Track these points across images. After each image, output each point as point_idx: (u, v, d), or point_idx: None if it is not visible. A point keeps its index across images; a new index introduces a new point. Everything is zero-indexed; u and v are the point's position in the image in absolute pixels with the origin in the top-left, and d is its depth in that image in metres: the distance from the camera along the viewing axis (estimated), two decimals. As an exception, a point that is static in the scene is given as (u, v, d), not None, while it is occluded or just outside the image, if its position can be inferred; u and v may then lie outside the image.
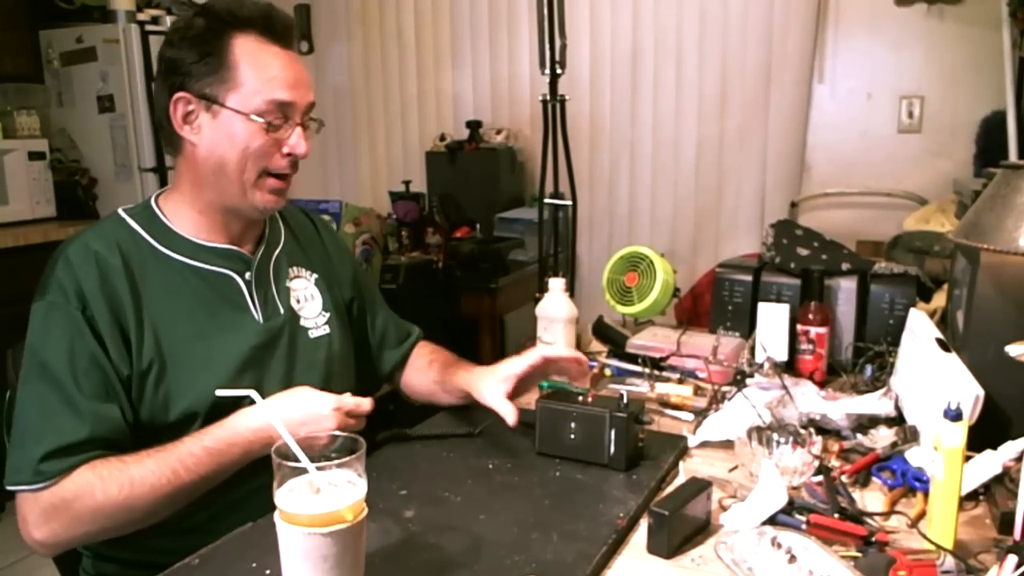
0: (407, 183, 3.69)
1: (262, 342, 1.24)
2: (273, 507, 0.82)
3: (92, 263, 1.15)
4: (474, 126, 3.71)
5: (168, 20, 3.58)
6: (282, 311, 1.29)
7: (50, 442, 1.07)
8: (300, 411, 1.13)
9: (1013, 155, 2.69)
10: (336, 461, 0.83)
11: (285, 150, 1.21)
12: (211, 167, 1.20)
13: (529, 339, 1.70)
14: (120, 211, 1.25)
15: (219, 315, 1.22)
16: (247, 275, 1.27)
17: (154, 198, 1.27)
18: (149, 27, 3.52)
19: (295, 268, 1.36)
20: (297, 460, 0.82)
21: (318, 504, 0.81)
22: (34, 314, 1.14)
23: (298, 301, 1.33)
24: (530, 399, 1.30)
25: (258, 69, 1.17)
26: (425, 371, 1.49)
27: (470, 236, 3.51)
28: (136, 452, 1.11)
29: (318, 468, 0.82)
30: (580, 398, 1.23)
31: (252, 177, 1.20)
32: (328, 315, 1.36)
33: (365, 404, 1.17)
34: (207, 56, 1.16)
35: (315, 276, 1.38)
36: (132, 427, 1.14)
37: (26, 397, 1.11)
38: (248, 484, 1.15)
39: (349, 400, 1.16)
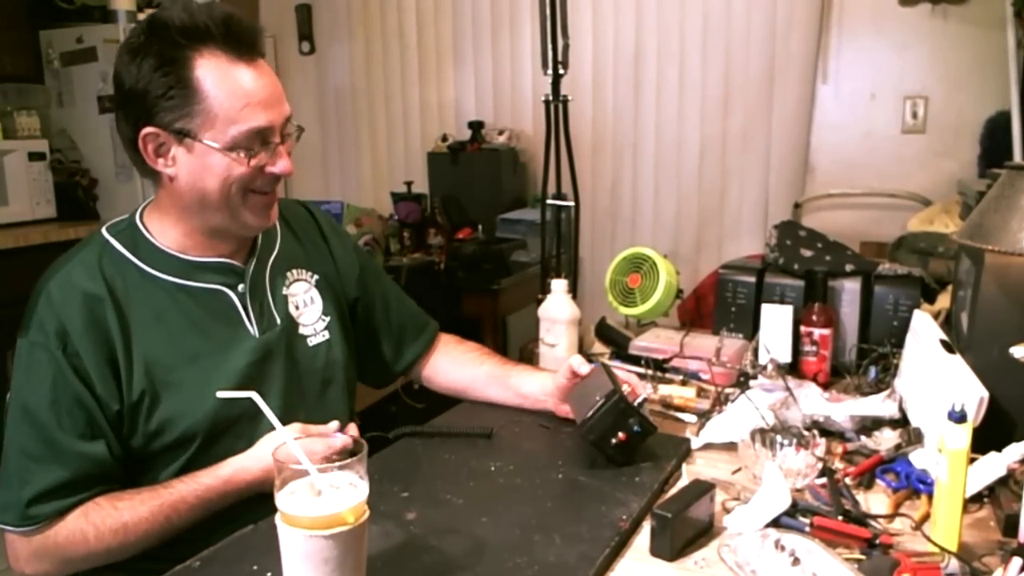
0: (409, 184, 3.69)
1: (259, 357, 1.22)
2: (274, 509, 0.81)
3: (76, 298, 1.11)
4: (476, 126, 3.71)
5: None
6: (279, 321, 1.26)
7: (35, 486, 1.07)
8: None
9: (1018, 156, 2.68)
10: (337, 463, 0.83)
11: (269, 170, 1.15)
12: (194, 198, 1.15)
13: (532, 341, 1.70)
14: (104, 231, 1.19)
15: (212, 334, 1.19)
16: (240, 288, 1.23)
17: (139, 212, 1.22)
18: (150, 27, 3.52)
19: (294, 271, 1.32)
20: (299, 462, 0.82)
21: (319, 506, 0.81)
22: (18, 352, 1.12)
23: (296, 307, 1.30)
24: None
25: (228, 96, 1.08)
26: (472, 364, 1.48)
27: (472, 237, 3.51)
28: (128, 492, 1.11)
29: (319, 470, 0.82)
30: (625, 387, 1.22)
31: (239, 201, 1.15)
32: (328, 319, 1.34)
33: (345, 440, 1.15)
34: (171, 89, 1.08)
35: (316, 277, 1.35)
36: (122, 459, 1.14)
37: (11, 438, 1.10)
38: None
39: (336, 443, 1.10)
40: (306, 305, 1.32)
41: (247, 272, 1.25)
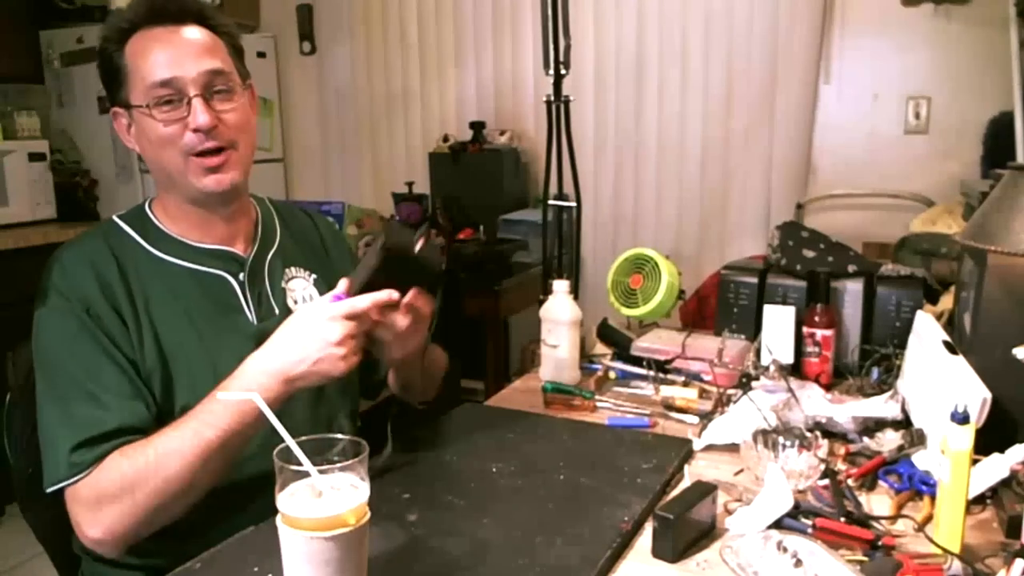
0: (410, 184, 3.69)
1: (257, 343, 1.20)
2: (275, 511, 0.81)
3: (88, 268, 1.15)
4: (477, 127, 3.70)
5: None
6: (277, 312, 1.27)
7: (78, 434, 1.06)
8: (305, 350, 1.07)
9: (1020, 156, 2.67)
10: (339, 464, 0.82)
11: (192, 127, 1.17)
12: (156, 169, 1.22)
13: (533, 342, 1.70)
14: (114, 217, 1.25)
15: (214, 318, 1.22)
16: (241, 276, 1.26)
17: (148, 203, 1.28)
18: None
19: (292, 268, 1.34)
20: (299, 463, 0.82)
21: (320, 508, 0.81)
22: (40, 322, 1.13)
23: (295, 302, 1.31)
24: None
25: (141, 59, 1.17)
26: None
27: (473, 238, 3.50)
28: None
29: (320, 471, 0.82)
30: None
31: (179, 164, 1.18)
32: None
33: (378, 295, 1.09)
34: (115, 70, 1.18)
35: (314, 277, 1.36)
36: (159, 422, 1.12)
37: (47, 405, 1.11)
38: (250, 487, 1.14)
39: (358, 304, 1.07)
40: (304, 301, 1.33)
41: (247, 261, 1.28)
